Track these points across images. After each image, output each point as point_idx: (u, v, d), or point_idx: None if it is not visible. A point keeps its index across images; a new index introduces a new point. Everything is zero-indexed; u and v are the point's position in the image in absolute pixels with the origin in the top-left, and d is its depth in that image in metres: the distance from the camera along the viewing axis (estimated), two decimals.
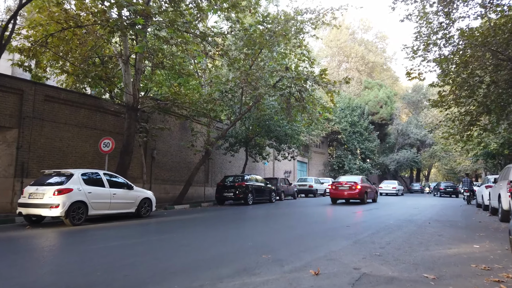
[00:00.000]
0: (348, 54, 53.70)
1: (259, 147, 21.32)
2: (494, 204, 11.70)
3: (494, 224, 9.65)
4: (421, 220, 10.61)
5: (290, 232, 8.04)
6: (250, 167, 26.68)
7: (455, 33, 16.56)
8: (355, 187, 17.53)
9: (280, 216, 12.23)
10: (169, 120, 17.93)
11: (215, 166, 22.61)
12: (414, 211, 14.11)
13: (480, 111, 18.38)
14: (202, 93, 17.38)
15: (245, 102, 18.20)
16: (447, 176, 76.82)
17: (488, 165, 31.72)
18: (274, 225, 9.64)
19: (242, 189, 16.62)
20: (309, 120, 18.21)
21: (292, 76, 15.83)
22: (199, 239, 7.11)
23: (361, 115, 43.37)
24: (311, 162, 39.25)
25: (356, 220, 10.68)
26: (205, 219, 11.25)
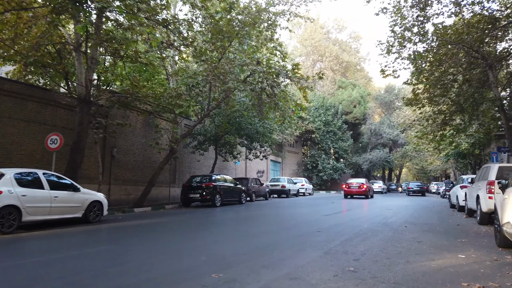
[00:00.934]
0: (323, 53, 53.48)
1: (230, 146, 20.28)
2: (471, 205, 11.18)
3: (474, 228, 9.05)
4: (396, 223, 9.91)
5: (255, 241, 7.07)
6: (220, 167, 25.59)
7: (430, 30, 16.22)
8: (362, 187, 24.35)
9: (248, 220, 11.25)
10: (130, 116, 16.59)
11: (183, 165, 21.40)
12: (388, 212, 13.49)
13: (453, 110, 18.14)
14: (167, 87, 16.19)
15: (214, 98, 17.13)
16: (417, 176, 78.46)
17: (459, 165, 32.00)
18: (238, 231, 8.65)
19: (209, 190, 15.54)
20: (281, 118, 17.35)
21: (263, 70, 14.90)
22: (143, 252, 6.02)
23: (335, 115, 43.12)
24: (284, 162, 38.57)
25: (328, 223, 9.85)
26: (163, 225, 10.12)
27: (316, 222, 10.29)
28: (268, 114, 17.58)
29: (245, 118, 19.11)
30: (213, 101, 16.82)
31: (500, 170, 9.28)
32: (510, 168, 9.51)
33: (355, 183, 24.83)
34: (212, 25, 13.21)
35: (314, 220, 10.90)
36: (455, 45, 16.08)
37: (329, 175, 39.66)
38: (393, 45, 16.94)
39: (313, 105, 41.68)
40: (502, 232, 6.01)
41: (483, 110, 18.23)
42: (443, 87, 17.52)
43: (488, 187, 9.22)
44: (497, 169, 9.30)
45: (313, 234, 7.83)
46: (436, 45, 16.75)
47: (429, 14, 15.96)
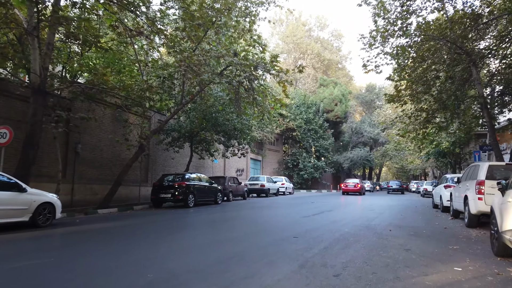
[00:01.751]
0: (304, 51, 52.90)
1: (206, 143, 19.23)
2: (457, 206, 10.55)
3: (463, 232, 8.37)
4: (380, 226, 9.15)
5: (219, 250, 6.13)
6: (197, 165, 24.52)
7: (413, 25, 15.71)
8: (357, 186, 29.63)
9: (218, 224, 10.29)
10: (97, 109, 15.34)
11: (156, 163, 20.23)
12: (370, 213, 12.79)
13: (436, 108, 17.68)
14: (137, 78, 15.04)
15: (188, 91, 16.08)
16: (397, 175, 79.18)
17: (439, 164, 31.90)
18: (203, 237, 7.68)
19: (181, 189, 14.49)
20: (260, 114, 16.46)
21: (240, 62, 13.94)
22: (80, 266, 4.99)
23: (316, 113, 42.58)
24: (265, 160, 37.74)
25: (306, 227, 9.01)
26: (124, 230, 9.05)
27: (293, 225, 9.43)
28: (246, 109, 16.67)
29: (222, 113, 18.13)
30: (187, 95, 15.76)
31: (490, 169, 8.64)
32: (500, 167, 8.89)
33: (351, 183, 30.20)
34: (183, 9, 12.16)
35: (291, 223, 10.04)
36: (438, 41, 15.62)
37: (310, 174, 39.08)
38: (375, 39, 16.35)
39: (294, 102, 41.03)
40: (501, 239, 5.27)
41: (464, 109, 17.91)
42: (425, 84, 17.06)
43: (478, 187, 8.56)
44: (487, 167, 8.65)
45: (289, 240, 6.95)
46: (419, 41, 16.25)
47: (412, 9, 15.44)
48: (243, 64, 13.94)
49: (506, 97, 17.66)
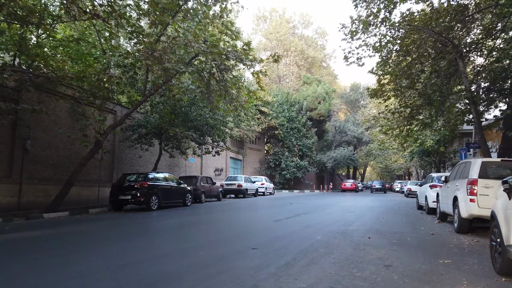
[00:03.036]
0: (288, 48, 51.83)
1: (177, 140, 17.76)
2: (445, 209, 9.44)
3: (453, 239, 7.20)
4: (358, 232, 7.94)
5: (154, 269, 4.76)
6: (171, 164, 23.05)
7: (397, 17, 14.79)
8: (353, 185, 38.88)
9: (177, 231, 8.91)
10: (48, 101, 13.75)
11: (122, 162, 18.68)
12: (350, 216, 11.60)
13: (420, 103, 16.72)
14: (94, 66, 13.52)
15: (153, 82, 14.63)
16: (381, 175, 78.99)
17: (423, 163, 31.14)
18: (147, 250, 6.28)
19: (143, 190, 13.04)
20: (233, 107, 15.13)
21: (208, 50, 12.59)
22: None
23: (299, 111, 41.50)
24: (246, 159, 36.43)
25: (273, 234, 7.74)
26: (53, 240, 7.57)
27: (260, 232, 8.14)
28: (218, 103, 15.30)
29: (195, 108, 16.75)
30: (152, 86, 14.31)
31: (483, 166, 7.52)
32: (495, 164, 7.78)
33: (349, 183, 39.59)
34: None
35: (259, 229, 8.76)
36: (423, 30, 14.68)
37: (293, 174, 37.93)
38: (358, 28, 15.30)
39: (276, 100, 39.86)
40: (506, 254, 4.08)
41: (449, 106, 17.07)
42: (409, 78, 16.10)
43: (470, 187, 7.43)
44: (480, 164, 7.53)
45: (245, 253, 5.64)
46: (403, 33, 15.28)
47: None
48: (212, 52, 12.60)
49: (492, 94, 16.81)
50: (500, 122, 18.69)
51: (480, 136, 14.40)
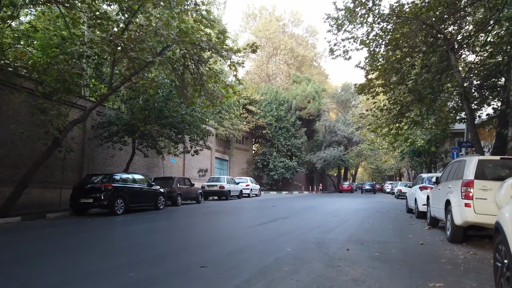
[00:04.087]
0: (277, 46, 50.79)
1: (152, 138, 16.55)
2: (436, 213, 8.40)
3: (445, 250, 6.14)
4: (337, 242, 6.85)
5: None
6: (150, 165, 21.83)
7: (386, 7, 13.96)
8: (349, 187, 43.82)
9: (128, 240, 7.72)
10: (3, 94, 12.49)
11: (93, 162, 17.39)
12: (332, 221, 10.54)
13: (410, 100, 15.79)
14: (54, 57, 12.27)
15: (121, 74, 13.45)
16: (372, 176, 78.39)
17: (414, 163, 30.28)
18: (69, 269, 5.09)
19: (107, 192, 11.82)
20: (209, 102, 14.00)
21: (180, 38, 11.45)
22: None
23: (288, 110, 40.46)
24: (232, 160, 35.25)
25: (238, 244, 6.63)
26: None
27: (222, 242, 7.01)
28: (195, 98, 14.15)
29: (170, 103, 15.59)
30: (119, 79, 13.13)
31: (480, 165, 6.48)
32: (493, 162, 6.75)
33: (346, 185, 44.70)
34: None
35: (224, 238, 7.63)
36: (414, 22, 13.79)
37: (281, 174, 36.85)
38: (343, 21, 14.36)
39: (264, 98, 38.78)
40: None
41: (440, 104, 16.22)
42: (399, 72, 15.16)
43: (465, 190, 6.38)
44: (477, 163, 6.49)
45: (189, 273, 4.50)
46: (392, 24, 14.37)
47: None
48: (184, 41, 11.46)
49: (484, 91, 15.94)
50: (493, 121, 17.86)
51: (473, 134, 13.47)
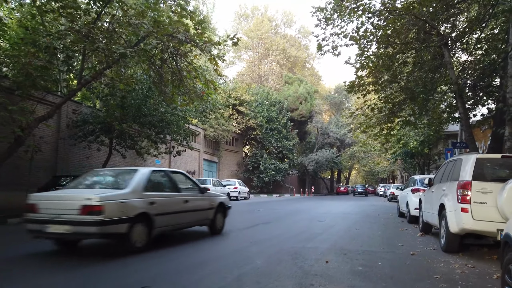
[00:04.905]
0: (269, 47, 50.06)
1: (131, 138, 15.60)
2: (429, 219, 7.59)
3: (440, 263, 5.30)
4: (317, 252, 6.00)
5: None
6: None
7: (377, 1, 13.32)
8: (345, 189, 48.09)
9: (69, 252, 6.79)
10: None
11: (68, 163, 16.40)
12: (318, 226, 9.70)
13: (402, 98, 15.08)
14: (19, 48, 11.35)
15: (92, 69, 12.54)
16: (366, 178, 77.84)
17: (407, 165, 29.59)
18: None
19: None
20: (189, 100, 13.12)
21: (154, 29, 10.59)
22: None
23: (279, 111, 39.66)
24: (222, 162, 34.34)
25: (202, 255, 5.76)
26: None
27: (184, 254, 6.11)
28: (175, 96, 13.27)
29: (150, 101, 14.70)
30: (89, 73, 12.22)
31: (479, 165, 5.68)
32: (493, 161, 5.95)
33: (342, 187, 48.90)
34: None
35: (189, 247, 6.72)
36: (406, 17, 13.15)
37: (272, 177, 35.98)
38: (332, 15, 13.68)
39: (255, 99, 37.96)
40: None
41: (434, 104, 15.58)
42: (391, 69, 14.49)
43: (461, 193, 5.57)
44: (474, 162, 5.69)
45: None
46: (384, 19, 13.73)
47: None
48: (158, 32, 10.59)
49: (478, 91, 15.29)
50: (489, 120, 17.23)
51: (468, 134, 12.75)
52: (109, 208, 5.24)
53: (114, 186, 6.21)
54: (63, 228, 5.30)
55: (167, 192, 6.79)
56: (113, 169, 7.83)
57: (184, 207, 6.91)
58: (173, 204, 6.66)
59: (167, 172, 7.37)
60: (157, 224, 6.06)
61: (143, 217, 5.80)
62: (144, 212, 5.81)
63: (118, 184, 6.23)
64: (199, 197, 7.55)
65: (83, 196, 5.33)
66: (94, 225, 5.15)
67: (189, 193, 7.35)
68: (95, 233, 5.29)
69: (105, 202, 5.22)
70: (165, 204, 6.42)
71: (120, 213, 5.42)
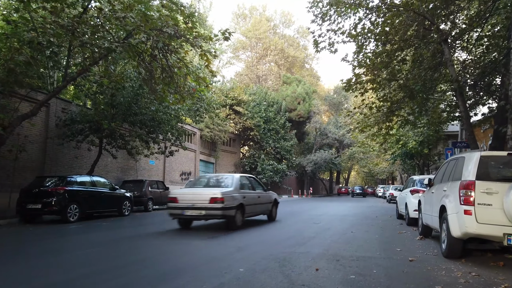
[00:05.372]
0: (267, 47, 49.64)
1: (122, 138, 15.12)
2: (429, 221, 7.11)
3: (441, 271, 4.82)
4: (307, 258, 5.54)
5: None
6: (125, 167, 20.37)
7: None
8: (346, 190, 51.24)
9: (48, 257, 6.31)
10: None
11: (57, 164, 15.88)
12: (312, 229, 9.23)
13: (401, 97, 14.66)
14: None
15: (79, 64, 12.09)
16: (365, 179, 77.38)
17: (406, 166, 29.11)
18: None
19: (58, 197, 10.40)
20: (180, 97, 12.66)
21: (141, 23, 10.14)
22: None
23: (277, 111, 39.17)
24: (219, 163, 33.83)
25: (181, 261, 5.30)
26: None
27: (162, 260, 5.64)
28: (166, 94, 12.81)
29: (141, 99, 14.25)
30: (75, 69, 11.76)
31: (483, 163, 5.22)
32: (499, 159, 5.48)
33: (343, 188, 52.05)
34: None
35: (170, 253, 6.26)
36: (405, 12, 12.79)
37: (269, 178, 35.46)
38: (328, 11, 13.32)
39: (252, 99, 37.49)
40: None
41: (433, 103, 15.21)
42: (389, 66, 14.07)
43: (464, 194, 5.11)
44: (478, 160, 5.22)
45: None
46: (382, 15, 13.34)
47: None
48: (145, 25, 10.14)
49: (478, 90, 14.87)
50: (490, 120, 16.79)
51: (469, 133, 12.30)
52: (226, 199, 8.27)
53: (222, 185, 9.13)
54: (198, 212, 8.35)
55: (249, 190, 9.82)
56: (215, 175, 11.45)
57: (258, 201, 10.13)
58: (253, 198, 9.81)
59: (247, 177, 10.46)
60: (247, 211, 9.22)
61: (241, 206, 8.84)
62: (241, 203, 8.86)
63: (223, 184, 9.20)
64: (264, 194, 10.76)
65: (211, 192, 8.41)
66: (218, 210, 8.23)
67: (259, 191, 10.49)
68: (219, 215, 8.42)
69: (224, 195, 8.26)
70: (250, 198, 9.52)
71: (231, 203, 8.45)
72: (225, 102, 34.30)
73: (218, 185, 9.28)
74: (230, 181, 9.20)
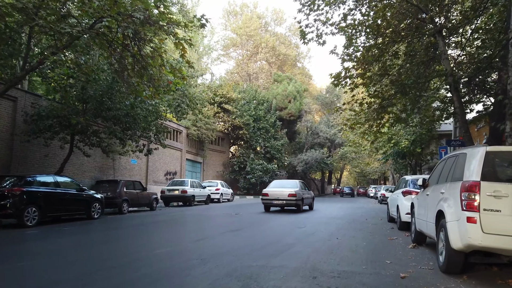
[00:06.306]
0: (258, 44, 48.71)
1: (96, 135, 14.08)
2: (423, 228, 6.21)
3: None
4: (279, 274, 4.61)
5: None
6: (104, 166, 19.31)
7: None
8: (341, 190, 48.28)
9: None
10: None
11: (25, 162, 14.78)
12: (294, 234, 8.31)
13: (393, 92, 13.84)
14: None
15: (42, 53, 11.04)
16: (357, 179, 76.86)
17: (398, 166, 28.39)
18: None
19: (13, 199, 9.34)
20: (154, 91, 11.67)
21: (107, 7, 9.15)
22: None
23: (268, 110, 38.26)
24: (206, 162, 32.84)
25: (125, 276, 4.33)
26: None
27: (86, 282, 4.67)
28: (140, 87, 11.81)
29: (115, 93, 13.22)
30: (36, 58, 10.71)
31: (489, 160, 4.33)
32: (507, 155, 4.58)
33: (338, 188, 52.01)
34: None
35: (123, 265, 5.28)
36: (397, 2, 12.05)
37: (259, 178, 34.53)
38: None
39: (241, 97, 36.55)
40: None
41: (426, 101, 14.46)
42: (381, 61, 13.29)
43: (467, 197, 4.21)
44: (484, 157, 4.33)
45: None
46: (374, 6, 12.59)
47: None
48: (111, 10, 9.15)
49: (473, 87, 14.15)
50: (484, 118, 16.08)
51: (465, 130, 11.50)
52: (297, 194, 14.21)
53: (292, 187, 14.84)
54: (281, 202, 14.30)
55: (304, 190, 15.52)
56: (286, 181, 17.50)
57: (307, 196, 15.72)
58: (305, 195, 15.41)
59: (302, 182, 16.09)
60: (303, 203, 15.08)
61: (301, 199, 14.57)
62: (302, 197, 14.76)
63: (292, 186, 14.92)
64: (307, 191, 16.13)
65: (288, 190, 14.26)
66: (293, 201, 14.05)
67: (307, 191, 16.21)
68: (293, 204, 14.30)
69: (296, 192, 14.13)
70: (304, 195, 15.23)
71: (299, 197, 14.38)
72: (214, 100, 33.30)
73: (290, 186, 14.68)
74: (295, 184, 14.96)
